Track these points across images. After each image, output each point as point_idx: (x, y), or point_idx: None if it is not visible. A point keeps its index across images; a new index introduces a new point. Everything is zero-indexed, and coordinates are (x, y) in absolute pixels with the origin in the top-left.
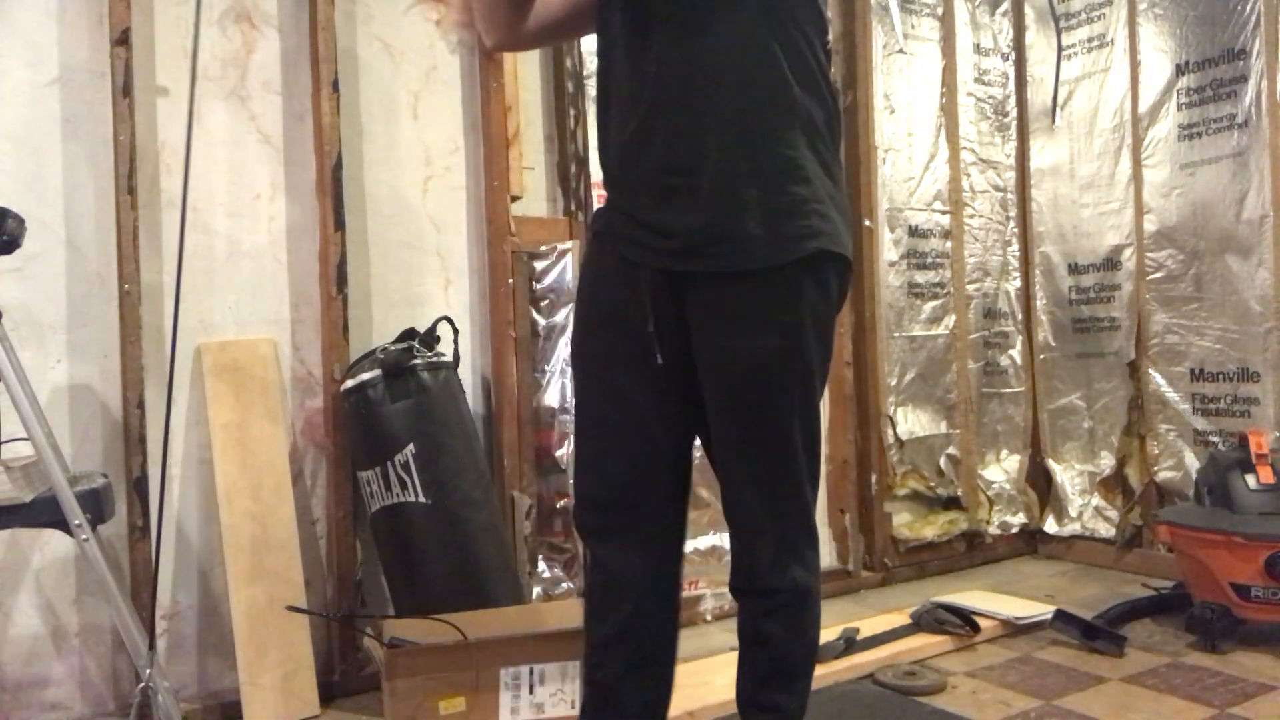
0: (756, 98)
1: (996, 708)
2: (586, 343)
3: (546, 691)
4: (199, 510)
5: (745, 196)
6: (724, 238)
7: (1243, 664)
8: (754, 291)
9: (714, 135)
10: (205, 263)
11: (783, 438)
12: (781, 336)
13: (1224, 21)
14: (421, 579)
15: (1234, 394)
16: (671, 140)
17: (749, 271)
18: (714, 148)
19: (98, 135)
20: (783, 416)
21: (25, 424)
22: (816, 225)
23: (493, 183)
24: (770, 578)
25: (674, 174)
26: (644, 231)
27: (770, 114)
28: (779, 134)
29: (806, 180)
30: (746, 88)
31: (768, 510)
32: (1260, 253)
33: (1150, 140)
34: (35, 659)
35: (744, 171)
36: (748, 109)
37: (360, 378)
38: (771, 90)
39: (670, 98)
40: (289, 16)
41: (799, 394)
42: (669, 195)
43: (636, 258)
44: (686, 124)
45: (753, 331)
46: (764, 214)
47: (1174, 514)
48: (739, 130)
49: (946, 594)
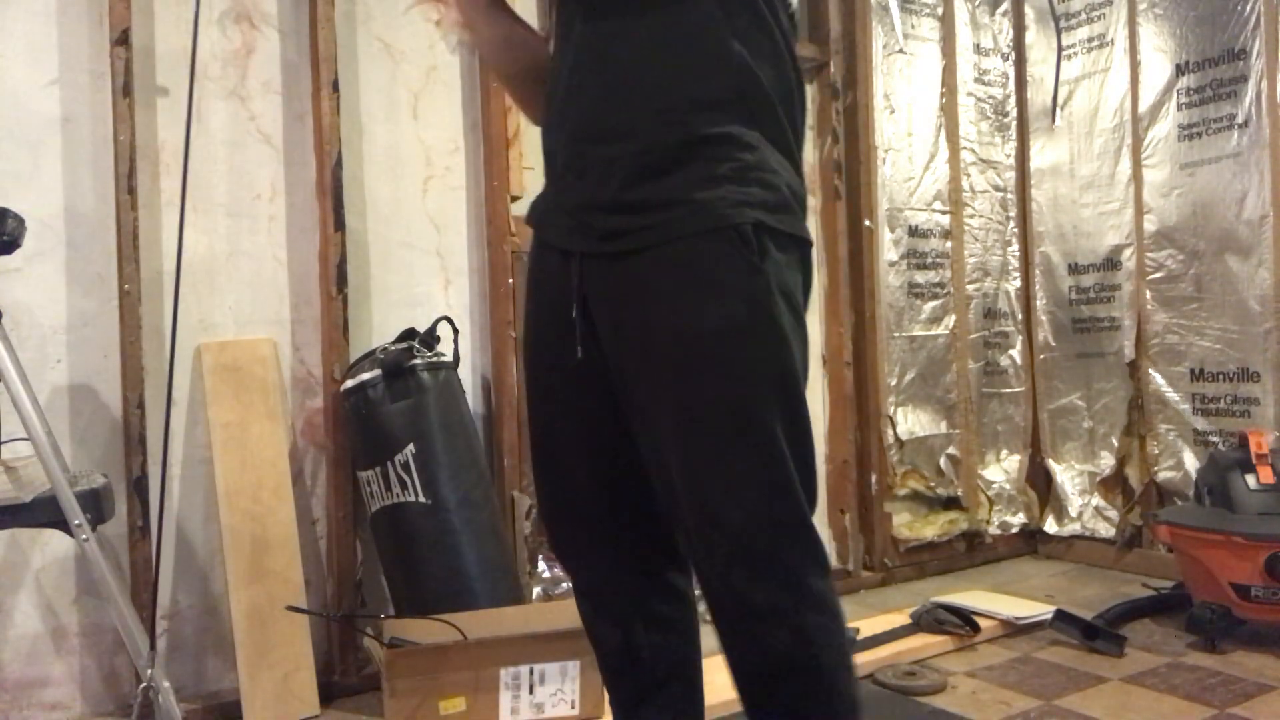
0: (685, 58)
1: (996, 708)
2: (527, 348)
3: (546, 691)
4: (199, 510)
5: (670, 164)
6: (647, 209)
7: (1243, 664)
8: (703, 251)
9: (632, 100)
10: (205, 263)
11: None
12: (745, 301)
13: (1224, 21)
14: (421, 579)
15: (1234, 394)
16: (585, 111)
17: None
18: (633, 114)
19: (98, 135)
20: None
21: (25, 424)
22: (760, 194)
23: (493, 183)
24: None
25: (589, 143)
26: (563, 215)
27: (702, 75)
28: (710, 98)
29: (749, 147)
30: (672, 48)
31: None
32: (1260, 253)
33: (1150, 140)
34: (35, 659)
35: (668, 140)
36: (673, 70)
37: (360, 378)
38: (705, 50)
39: (586, 68)
40: (289, 16)
41: (776, 379)
42: (585, 170)
43: (562, 243)
44: (600, 91)
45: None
46: (694, 182)
47: (1174, 514)
48: (661, 93)
49: (946, 594)
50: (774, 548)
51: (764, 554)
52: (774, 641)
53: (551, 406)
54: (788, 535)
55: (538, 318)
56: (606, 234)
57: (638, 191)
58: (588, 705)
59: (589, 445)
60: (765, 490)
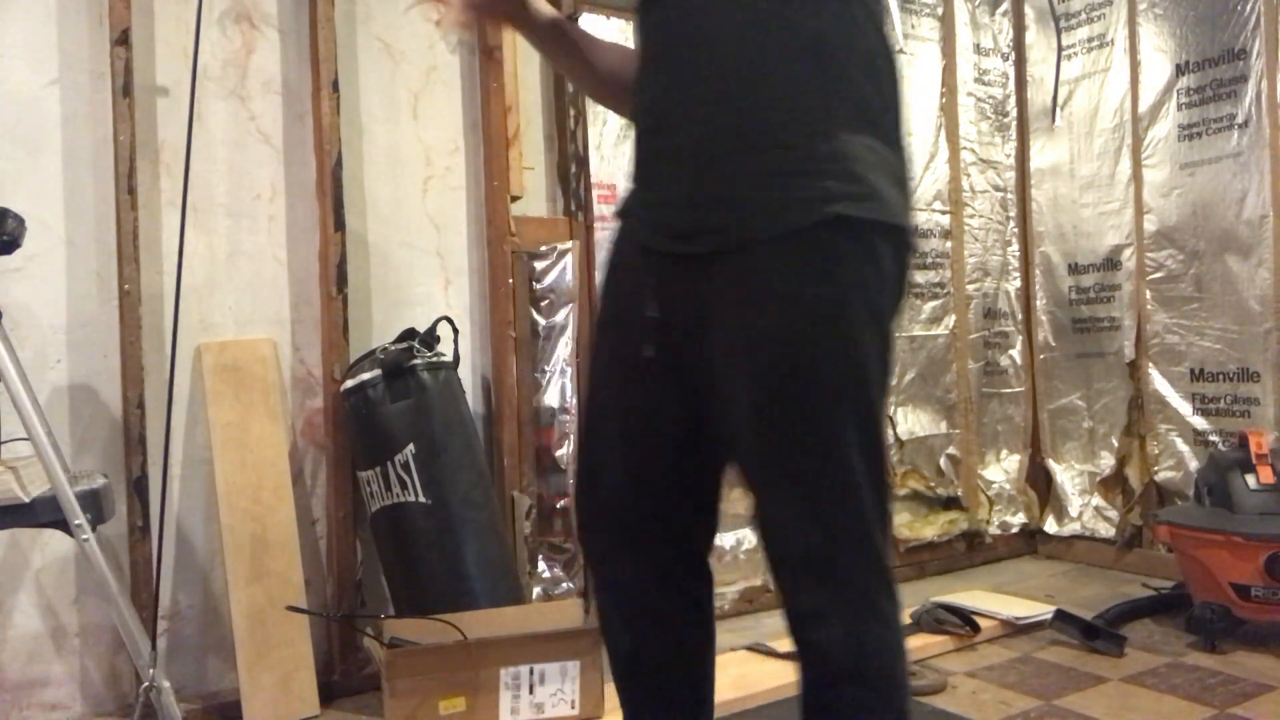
0: (750, 41)
1: (996, 708)
2: (595, 339)
3: (546, 691)
4: (199, 510)
5: (736, 156)
6: (717, 208)
7: (1243, 664)
8: (773, 259)
9: (699, 85)
10: (205, 263)
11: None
12: (815, 310)
13: (1224, 21)
14: (421, 579)
15: (1234, 394)
16: (656, 104)
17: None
18: (698, 100)
19: (98, 135)
20: (829, 419)
21: (25, 424)
22: (837, 187)
23: (493, 183)
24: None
25: (660, 136)
26: (641, 209)
27: (769, 57)
28: (778, 82)
29: (823, 133)
30: (736, 30)
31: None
32: (1260, 253)
33: (1150, 140)
34: (35, 659)
35: (734, 126)
36: (739, 56)
37: (360, 378)
38: (769, 28)
39: (657, 60)
40: (289, 16)
41: (850, 389)
42: (658, 166)
43: (639, 238)
44: (668, 83)
45: (773, 306)
46: (763, 180)
47: (1174, 514)
48: (727, 83)
49: (946, 594)
50: (836, 558)
51: (825, 563)
52: (831, 651)
53: (612, 396)
54: (851, 546)
55: (613, 307)
56: (679, 234)
57: (707, 190)
58: (588, 705)
59: (639, 441)
60: (830, 501)
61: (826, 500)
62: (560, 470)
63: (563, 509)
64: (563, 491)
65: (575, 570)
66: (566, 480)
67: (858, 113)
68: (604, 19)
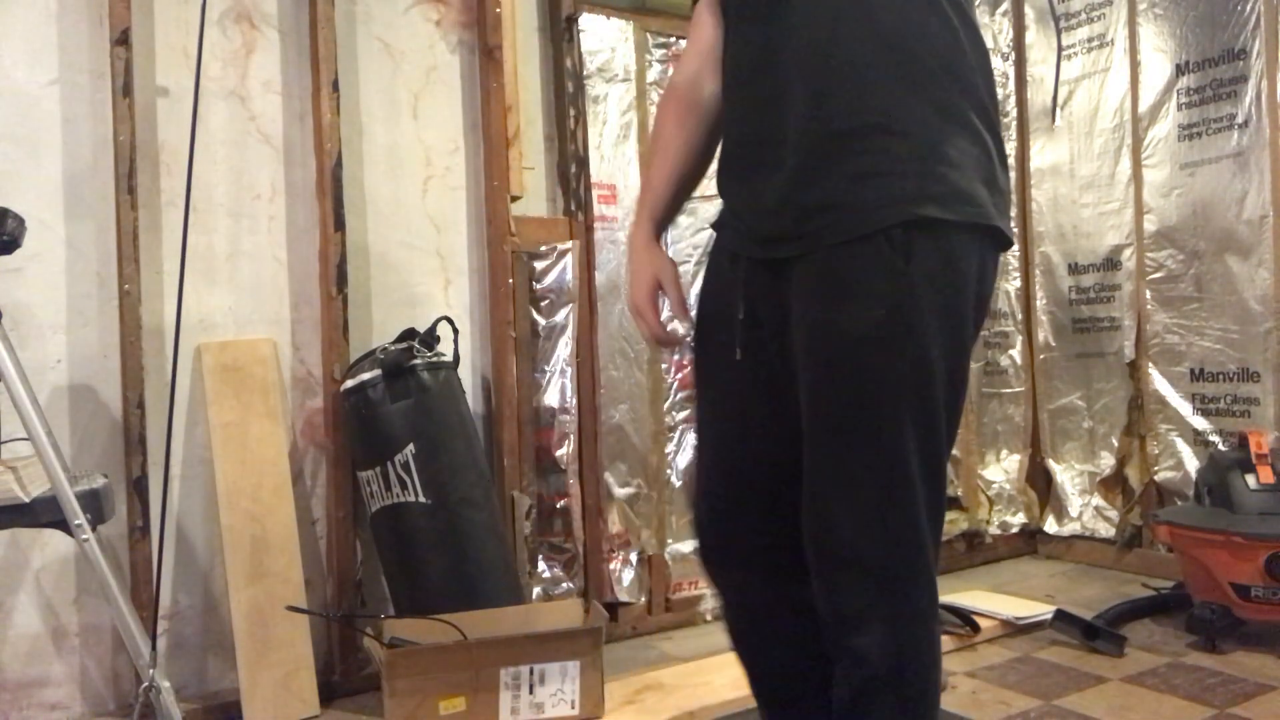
0: (830, 42)
1: (996, 708)
2: (696, 340)
3: (546, 691)
4: (199, 510)
5: (818, 164)
6: (800, 214)
7: (1243, 664)
8: (847, 258)
9: (790, 91)
10: (205, 263)
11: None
12: (883, 307)
13: (1224, 21)
14: (421, 579)
15: (1234, 394)
16: (748, 108)
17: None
18: (789, 105)
19: (98, 135)
20: (888, 417)
21: (25, 424)
22: (919, 187)
23: (493, 183)
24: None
25: (750, 145)
26: (732, 216)
27: (849, 56)
28: (859, 82)
29: (903, 134)
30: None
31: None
32: (1260, 253)
33: (1150, 140)
34: (35, 659)
35: (821, 131)
36: (819, 58)
37: (360, 378)
38: (849, 25)
39: (742, 70)
40: (289, 16)
41: (911, 388)
42: (746, 174)
43: (730, 245)
44: (762, 87)
45: (842, 301)
46: (841, 183)
47: (1174, 514)
48: (818, 78)
49: (946, 594)
50: (885, 562)
51: (874, 566)
52: (870, 656)
53: (710, 404)
54: (902, 551)
55: (708, 313)
56: (766, 239)
57: (790, 195)
58: (588, 705)
59: (734, 447)
60: (882, 499)
61: (881, 501)
62: (560, 470)
63: (563, 509)
64: (563, 491)
65: (575, 570)
66: (566, 480)
67: (942, 113)
68: (604, 19)
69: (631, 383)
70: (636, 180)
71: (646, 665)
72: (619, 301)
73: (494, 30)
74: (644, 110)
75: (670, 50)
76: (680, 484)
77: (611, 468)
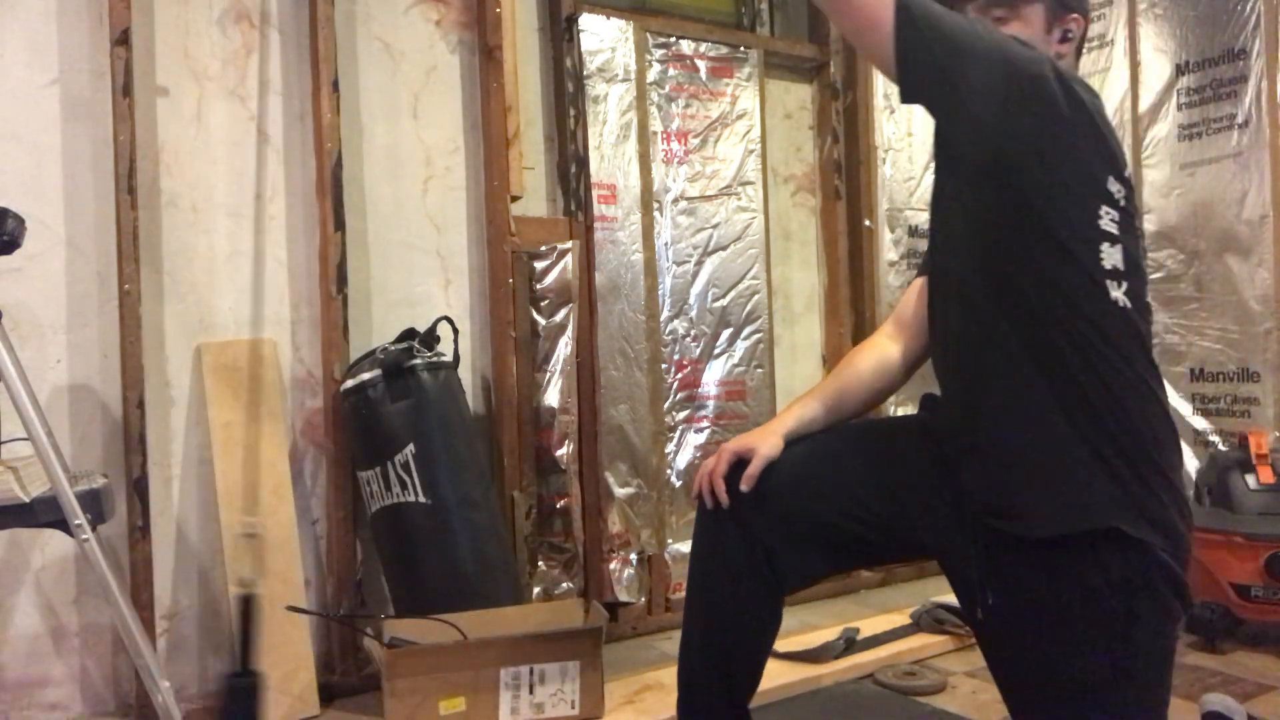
0: (999, 373)
1: (996, 708)
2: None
3: (546, 691)
4: (199, 510)
5: (1006, 463)
6: (999, 507)
7: (1243, 664)
8: (1027, 559)
9: (970, 410)
10: (205, 263)
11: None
12: (1040, 620)
13: (1224, 21)
14: (421, 579)
15: (1234, 394)
16: (943, 408)
17: (1024, 539)
18: (974, 425)
19: (98, 135)
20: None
21: (25, 424)
22: (1072, 497)
23: (493, 183)
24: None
25: (947, 437)
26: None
27: (1020, 395)
28: (1024, 398)
29: (1080, 462)
30: (989, 362)
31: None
32: (1260, 253)
33: (1150, 140)
34: (35, 659)
35: (1006, 444)
36: (992, 385)
37: (360, 378)
38: (1002, 348)
39: (940, 365)
40: (289, 16)
41: (1093, 691)
42: (952, 457)
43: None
44: (945, 395)
45: (1015, 599)
46: (1027, 483)
47: None
48: (991, 405)
49: (947, 594)
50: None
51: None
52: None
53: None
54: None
55: (889, 438)
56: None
57: (994, 499)
58: (588, 705)
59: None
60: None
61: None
62: (560, 470)
63: (563, 509)
64: (562, 491)
65: (575, 570)
66: (566, 480)
67: (1085, 434)
68: (604, 19)
69: (631, 383)
70: (636, 180)
71: (646, 665)
72: (619, 301)
73: (494, 30)
74: (644, 110)
75: (670, 50)
76: (680, 484)
77: (611, 468)
